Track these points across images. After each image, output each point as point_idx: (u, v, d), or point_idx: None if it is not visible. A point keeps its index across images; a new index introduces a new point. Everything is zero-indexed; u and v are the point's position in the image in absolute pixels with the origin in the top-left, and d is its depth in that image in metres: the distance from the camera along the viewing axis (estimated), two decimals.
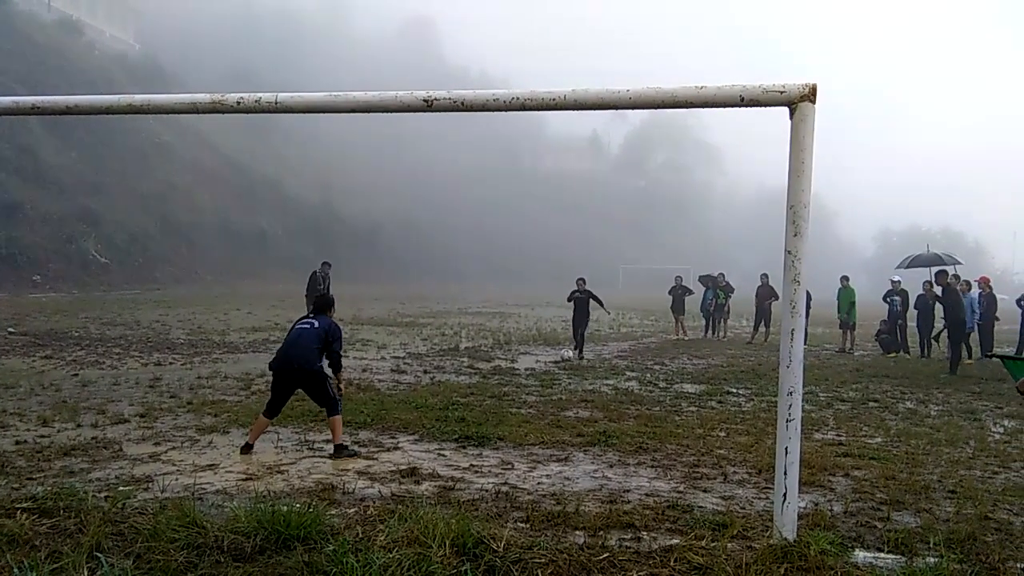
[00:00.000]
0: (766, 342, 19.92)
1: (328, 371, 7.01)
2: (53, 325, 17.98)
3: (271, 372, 7.07)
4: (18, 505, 4.82)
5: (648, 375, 12.75)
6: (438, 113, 5.00)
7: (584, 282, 16.02)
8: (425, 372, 12.30)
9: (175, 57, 59.96)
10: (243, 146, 56.82)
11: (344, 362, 7.60)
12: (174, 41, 63.61)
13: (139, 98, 5.42)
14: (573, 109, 4.71)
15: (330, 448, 6.92)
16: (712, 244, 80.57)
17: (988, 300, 17.15)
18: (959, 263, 18.47)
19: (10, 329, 16.50)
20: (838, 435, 8.17)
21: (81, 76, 44.60)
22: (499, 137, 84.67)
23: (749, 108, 4.53)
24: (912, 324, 18.49)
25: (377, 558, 3.89)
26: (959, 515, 5.27)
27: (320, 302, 7.47)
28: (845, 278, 19.65)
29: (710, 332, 21.67)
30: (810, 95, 4.43)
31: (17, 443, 6.84)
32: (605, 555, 4.24)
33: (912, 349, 18.12)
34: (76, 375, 11.07)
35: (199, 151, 51.41)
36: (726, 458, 6.89)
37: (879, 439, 8.01)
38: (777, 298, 20.70)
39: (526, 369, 13.04)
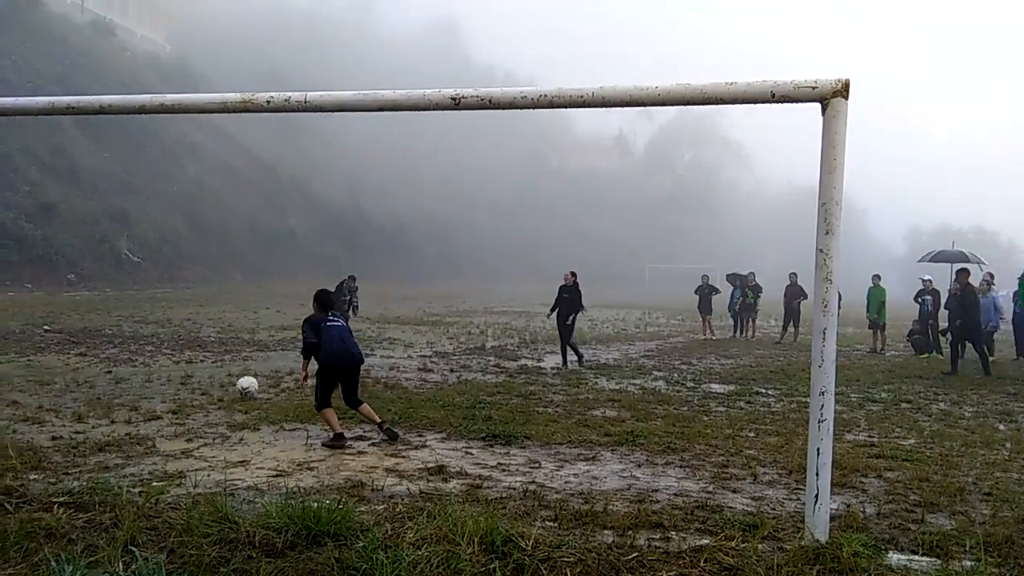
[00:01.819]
0: (796, 342, 19.69)
1: None
2: (87, 323, 18.30)
3: (328, 365, 7.22)
4: (55, 499, 4.91)
5: (675, 375, 12.67)
6: (465, 112, 5.00)
7: (575, 276, 13.78)
8: (452, 371, 12.32)
9: (205, 58, 60.67)
10: (272, 146, 57.39)
11: (372, 360, 7.72)
12: (204, 42, 64.38)
13: (171, 97, 5.49)
14: (600, 106, 4.69)
15: (360, 445, 7.00)
16: (739, 243, 79.80)
17: None
18: (983, 263, 18.21)
19: (45, 327, 16.82)
20: (870, 436, 8.05)
21: (113, 77, 45.31)
22: (525, 136, 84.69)
23: (780, 104, 4.48)
24: (944, 324, 18.23)
25: (406, 555, 3.91)
26: (995, 518, 5.17)
27: (327, 300, 7.64)
28: (876, 277, 19.35)
29: (738, 332, 21.49)
30: (843, 91, 4.36)
31: (53, 439, 6.96)
32: (634, 555, 4.22)
33: (945, 350, 17.81)
34: (109, 372, 11.25)
35: (229, 151, 52.02)
36: (756, 458, 6.82)
37: (912, 440, 7.88)
38: (806, 297, 20.47)
39: (552, 368, 13.01)
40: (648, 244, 79.64)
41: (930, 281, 18.39)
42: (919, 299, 18.34)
